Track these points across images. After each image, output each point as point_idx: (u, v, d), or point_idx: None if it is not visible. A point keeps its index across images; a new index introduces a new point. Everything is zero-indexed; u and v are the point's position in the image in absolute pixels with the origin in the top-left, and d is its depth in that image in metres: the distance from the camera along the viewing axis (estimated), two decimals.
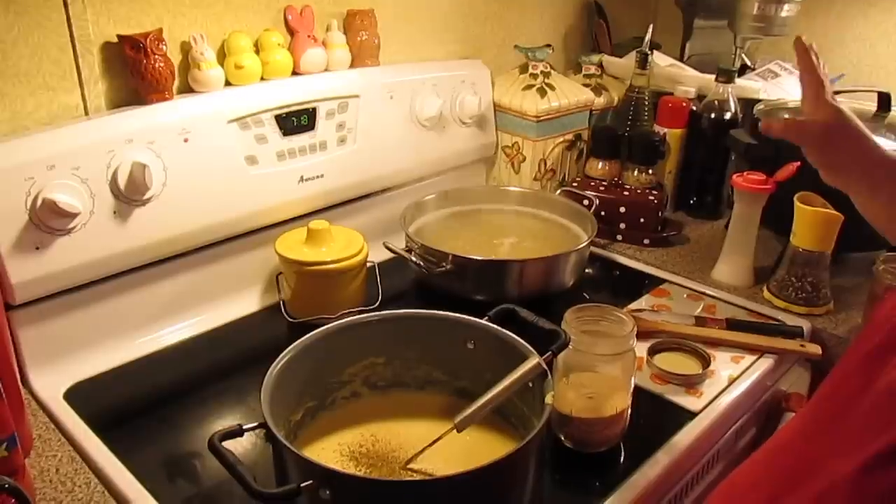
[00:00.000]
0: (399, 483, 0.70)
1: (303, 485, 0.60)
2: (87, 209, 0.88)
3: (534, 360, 0.73)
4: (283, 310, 1.05)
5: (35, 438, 0.82)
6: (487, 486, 0.64)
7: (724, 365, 0.97)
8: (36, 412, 0.86)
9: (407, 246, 1.13)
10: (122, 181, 0.89)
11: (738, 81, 1.37)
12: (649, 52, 1.36)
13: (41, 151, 0.85)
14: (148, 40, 0.92)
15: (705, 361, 0.97)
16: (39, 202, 0.84)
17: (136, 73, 0.93)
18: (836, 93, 1.24)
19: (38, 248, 0.86)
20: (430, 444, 0.74)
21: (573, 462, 0.82)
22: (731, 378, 0.95)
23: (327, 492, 0.60)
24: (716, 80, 1.34)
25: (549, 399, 0.69)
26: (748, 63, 1.55)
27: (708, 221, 1.41)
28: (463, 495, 0.63)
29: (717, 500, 0.66)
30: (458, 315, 0.83)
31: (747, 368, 0.97)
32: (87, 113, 0.95)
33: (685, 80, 1.42)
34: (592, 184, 1.34)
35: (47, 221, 0.85)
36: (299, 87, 1.08)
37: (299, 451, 0.64)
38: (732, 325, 1.05)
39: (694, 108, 1.37)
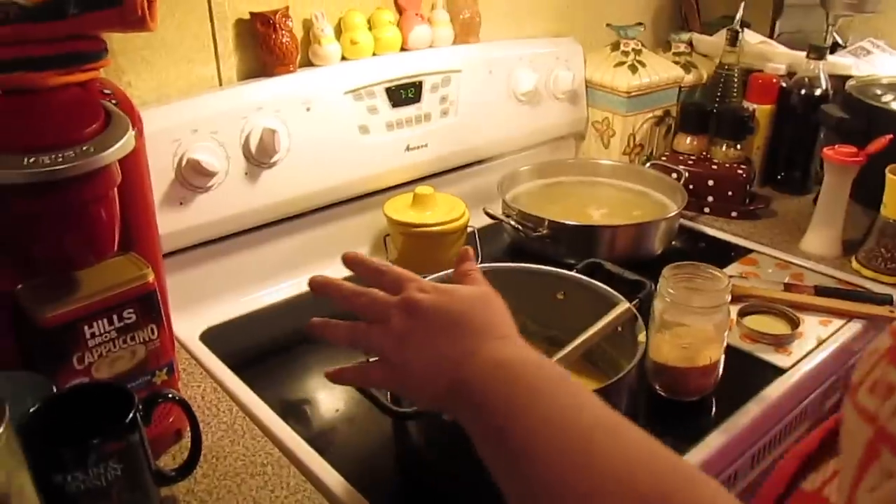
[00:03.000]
0: None
1: None
2: (224, 170, 0.98)
3: (623, 304, 0.79)
4: None
5: (180, 372, 0.92)
6: None
7: (813, 328, 1.01)
8: (178, 350, 0.96)
9: (504, 212, 1.20)
10: (253, 145, 0.99)
11: (830, 58, 1.38)
12: (740, 30, 1.38)
13: (185, 116, 0.95)
14: (277, 16, 1.01)
15: (794, 323, 1.00)
16: (184, 162, 0.93)
17: (265, 46, 1.02)
18: None
19: (181, 203, 0.96)
20: None
21: (666, 409, 0.88)
22: (819, 339, 0.99)
23: None
24: (807, 56, 1.36)
25: (641, 338, 0.75)
26: (839, 41, 1.55)
27: (795, 197, 1.42)
28: None
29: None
30: (548, 268, 0.89)
31: (836, 332, 1.01)
32: (220, 83, 1.04)
33: (775, 56, 1.44)
34: (681, 158, 1.38)
35: (190, 179, 0.95)
36: (407, 62, 1.15)
37: None
38: (821, 291, 1.08)
39: (784, 84, 1.39)
